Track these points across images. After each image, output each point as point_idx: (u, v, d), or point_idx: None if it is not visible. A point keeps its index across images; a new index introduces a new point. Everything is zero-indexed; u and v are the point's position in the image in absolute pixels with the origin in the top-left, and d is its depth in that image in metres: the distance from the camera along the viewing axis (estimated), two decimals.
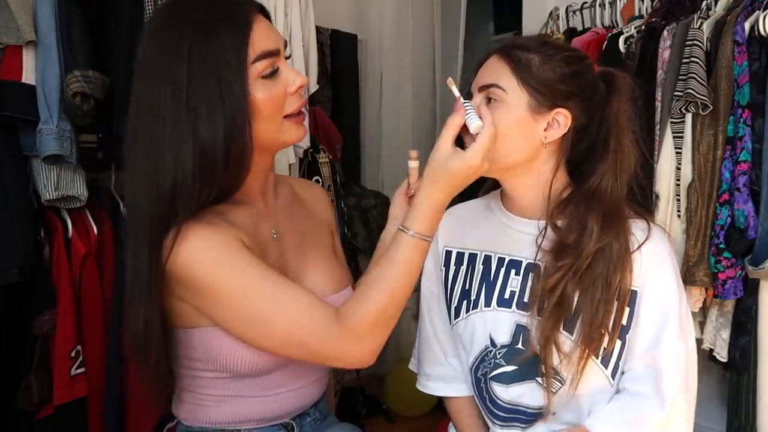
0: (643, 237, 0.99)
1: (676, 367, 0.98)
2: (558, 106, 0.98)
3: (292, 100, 0.92)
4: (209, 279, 0.85)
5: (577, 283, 0.96)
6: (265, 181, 1.00)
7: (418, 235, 0.87)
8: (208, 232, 0.86)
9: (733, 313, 1.59)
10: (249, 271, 0.86)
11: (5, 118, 1.43)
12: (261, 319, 0.85)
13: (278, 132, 0.92)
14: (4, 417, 1.53)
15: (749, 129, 1.50)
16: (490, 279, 1.07)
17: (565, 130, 1.00)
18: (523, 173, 1.02)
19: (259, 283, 0.85)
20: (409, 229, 0.87)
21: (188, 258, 0.84)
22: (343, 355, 0.86)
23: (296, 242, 1.03)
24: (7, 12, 1.40)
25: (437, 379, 1.18)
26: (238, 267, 0.85)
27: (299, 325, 0.84)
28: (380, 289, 0.85)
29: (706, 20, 1.61)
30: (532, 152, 1.00)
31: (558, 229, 1.01)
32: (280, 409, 0.99)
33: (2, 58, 1.43)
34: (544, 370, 0.99)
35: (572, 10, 2.21)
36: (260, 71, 0.87)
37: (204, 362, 0.93)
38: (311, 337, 0.84)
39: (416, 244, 0.87)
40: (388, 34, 2.82)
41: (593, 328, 0.95)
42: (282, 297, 0.85)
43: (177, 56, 0.85)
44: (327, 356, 0.88)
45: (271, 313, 0.85)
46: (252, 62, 0.87)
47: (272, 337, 0.86)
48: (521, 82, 0.97)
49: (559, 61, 0.99)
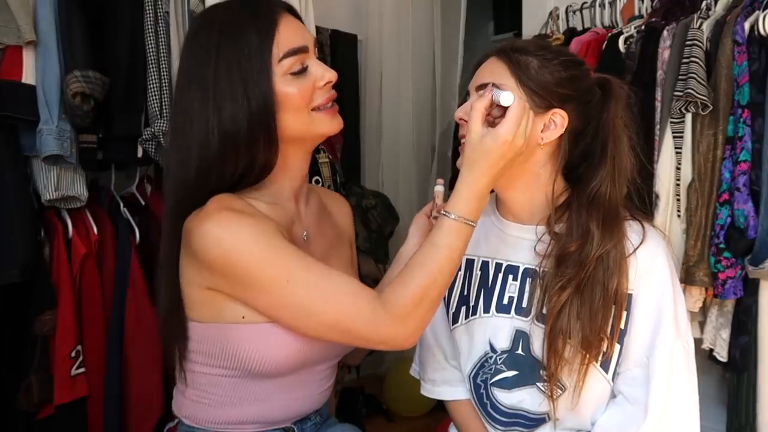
0: (638, 240, 0.99)
1: (670, 370, 0.96)
2: (555, 107, 0.99)
3: (321, 93, 0.94)
4: (253, 267, 0.86)
5: (577, 290, 0.96)
6: (300, 185, 1.03)
7: (461, 219, 0.88)
8: (249, 221, 0.88)
9: (733, 313, 1.59)
10: (292, 258, 0.87)
11: (5, 118, 1.43)
12: (306, 306, 0.86)
13: (309, 124, 0.94)
14: (4, 417, 1.53)
15: (749, 129, 1.50)
16: (488, 285, 1.07)
17: (562, 131, 0.99)
18: (517, 176, 1.01)
19: (302, 270, 0.87)
20: (450, 213, 0.88)
21: (232, 246, 0.85)
22: (388, 338, 0.87)
23: (323, 250, 1.05)
24: (7, 12, 1.40)
25: (442, 384, 1.17)
26: (281, 254, 0.87)
27: (344, 313, 0.85)
28: (423, 272, 0.86)
29: (706, 20, 1.61)
30: (529, 154, 1.00)
31: (558, 236, 1.00)
32: (285, 414, 0.99)
33: (2, 58, 1.43)
34: (545, 376, 0.99)
35: (572, 10, 2.21)
36: (288, 68, 0.90)
37: (219, 359, 0.93)
38: (356, 323, 0.85)
39: (459, 228, 0.88)
40: (388, 34, 2.82)
41: (592, 334, 0.95)
42: (325, 283, 0.87)
43: (206, 59, 0.90)
44: (372, 339, 0.88)
45: (316, 300, 0.86)
46: (279, 60, 0.89)
47: (318, 324, 0.87)
48: (519, 83, 0.97)
49: (557, 64, 0.99)
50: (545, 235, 1.01)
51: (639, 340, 0.98)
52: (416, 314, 0.86)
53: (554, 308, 0.96)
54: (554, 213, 1.01)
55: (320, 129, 0.96)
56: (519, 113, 0.89)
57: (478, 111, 0.91)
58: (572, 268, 0.96)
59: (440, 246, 0.87)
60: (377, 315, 0.85)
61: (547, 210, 1.02)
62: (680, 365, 0.97)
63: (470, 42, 3.03)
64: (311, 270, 0.87)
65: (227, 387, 0.95)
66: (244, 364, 0.91)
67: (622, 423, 0.98)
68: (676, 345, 0.97)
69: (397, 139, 2.83)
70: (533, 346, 1.01)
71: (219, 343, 0.92)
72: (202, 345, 0.94)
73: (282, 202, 0.99)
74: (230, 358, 0.92)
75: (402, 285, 0.86)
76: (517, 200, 1.05)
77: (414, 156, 2.90)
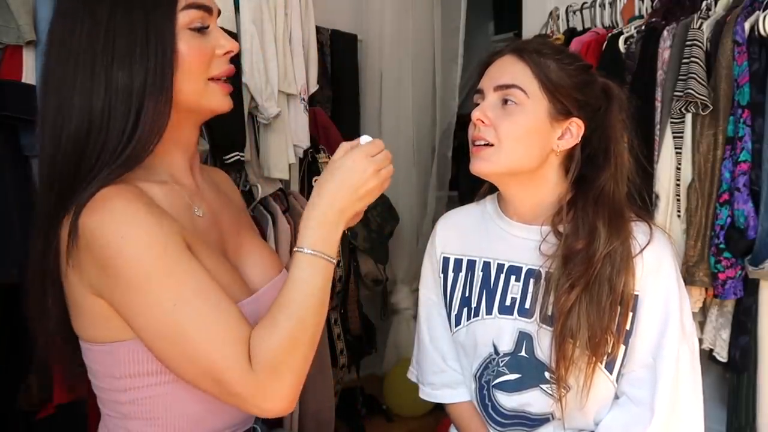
0: (645, 240, 0.99)
1: (677, 372, 0.96)
2: (573, 116, 0.98)
3: (220, 63, 0.86)
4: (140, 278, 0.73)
5: (585, 288, 0.95)
6: (192, 156, 0.92)
7: (311, 252, 0.80)
8: (149, 222, 0.75)
9: (733, 313, 1.59)
10: (185, 282, 0.75)
11: (5, 117, 1.43)
12: (183, 341, 0.74)
13: (202, 93, 0.84)
14: (4, 417, 1.53)
15: (749, 129, 1.50)
16: (490, 286, 1.07)
17: (578, 140, 1.00)
18: (527, 180, 1.02)
19: (192, 297, 0.74)
20: (301, 247, 0.80)
21: (121, 249, 0.72)
22: (259, 395, 0.74)
23: (231, 224, 0.96)
24: (7, 12, 1.40)
25: (442, 387, 1.16)
26: (174, 274, 0.74)
27: (223, 356, 0.73)
28: (287, 314, 0.77)
29: (706, 20, 1.61)
30: (543, 159, 1.00)
31: (564, 235, 0.99)
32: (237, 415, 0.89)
33: (2, 58, 1.43)
34: (549, 377, 0.98)
35: (572, 10, 2.21)
36: (189, 21, 0.81)
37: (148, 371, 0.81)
38: (229, 372, 0.73)
39: (310, 261, 0.80)
40: (388, 34, 2.82)
41: (600, 333, 0.95)
42: (215, 317, 0.75)
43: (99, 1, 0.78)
44: (242, 395, 0.74)
45: (199, 336, 0.74)
46: (182, 9, 0.81)
47: (190, 364, 0.75)
48: (543, 87, 0.97)
49: (574, 69, 0.99)
50: (550, 234, 1.01)
51: (645, 342, 0.98)
52: (291, 363, 0.75)
53: (564, 307, 0.95)
54: (563, 212, 1.00)
55: (213, 103, 0.86)
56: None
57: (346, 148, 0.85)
58: (580, 266, 0.96)
59: (299, 284, 0.78)
60: (247, 367, 0.73)
61: (552, 210, 1.02)
62: (686, 366, 0.97)
63: (470, 42, 3.03)
64: (204, 296, 0.75)
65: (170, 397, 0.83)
66: None
67: (627, 424, 0.98)
68: (683, 346, 0.97)
69: (397, 139, 2.82)
70: (537, 348, 1.01)
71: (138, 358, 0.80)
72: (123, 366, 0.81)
73: (178, 178, 0.88)
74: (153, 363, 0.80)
75: (268, 333, 0.75)
76: (526, 201, 1.05)
77: (414, 156, 2.90)
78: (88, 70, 0.77)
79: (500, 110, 0.98)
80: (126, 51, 0.77)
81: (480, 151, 1.00)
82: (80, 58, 0.77)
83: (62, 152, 0.78)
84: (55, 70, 0.80)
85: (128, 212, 0.74)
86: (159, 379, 0.82)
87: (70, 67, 0.78)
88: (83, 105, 0.77)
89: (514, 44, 1.03)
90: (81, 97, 0.77)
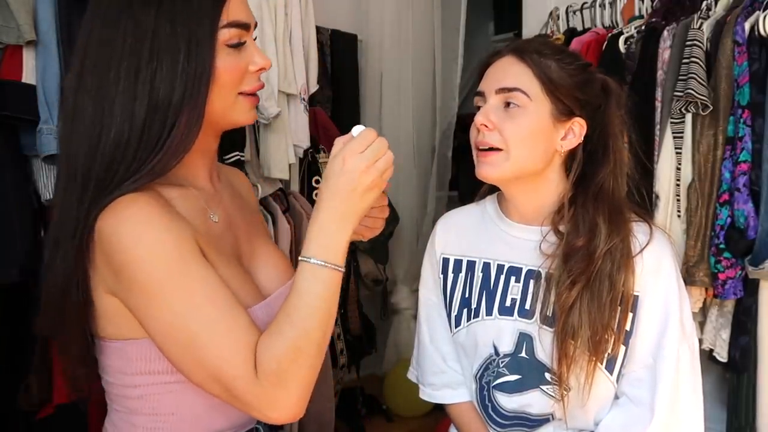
0: (645, 240, 0.98)
1: (677, 372, 0.96)
2: (575, 116, 0.98)
3: (251, 79, 0.87)
4: (154, 283, 0.75)
5: (586, 285, 0.95)
6: (212, 162, 0.94)
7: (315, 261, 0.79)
8: (164, 228, 0.76)
9: (733, 313, 1.59)
10: (197, 288, 0.76)
11: (5, 117, 1.43)
12: (194, 344, 0.75)
13: (231, 107, 0.86)
14: (4, 417, 1.53)
15: (749, 129, 1.50)
16: (490, 287, 1.06)
17: (581, 140, 0.99)
18: (530, 181, 1.02)
19: (203, 303, 0.76)
20: (307, 257, 0.79)
21: (135, 256, 0.74)
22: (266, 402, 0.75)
23: (246, 229, 0.97)
24: (7, 12, 1.40)
25: (443, 387, 1.16)
26: (187, 280, 0.76)
27: (231, 364, 0.74)
28: (290, 325, 0.77)
29: (706, 20, 1.61)
30: (547, 161, 1.00)
31: (564, 234, 0.99)
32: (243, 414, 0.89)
33: (2, 58, 1.43)
34: (550, 378, 0.98)
35: (572, 10, 2.21)
36: (227, 38, 0.83)
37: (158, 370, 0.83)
38: (238, 379, 0.74)
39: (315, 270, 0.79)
40: (388, 34, 2.82)
41: (600, 330, 0.94)
42: (226, 324, 0.76)
43: (146, 11, 0.78)
44: (250, 403, 0.76)
45: (210, 341, 0.75)
46: (223, 26, 0.82)
47: (200, 367, 0.76)
48: (545, 89, 0.96)
49: (574, 69, 0.98)
50: (550, 234, 1.01)
51: (645, 342, 0.98)
52: (295, 372, 0.75)
53: (565, 304, 0.95)
54: (563, 211, 1.00)
55: (241, 117, 0.88)
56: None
57: None
58: (581, 263, 0.96)
59: (302, 293, 0.78)
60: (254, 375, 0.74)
61: (553, 209, 1.02)
62: (686, 367, 0.97)
63: (470, 42, 3.03)
64: (216, 303, 0.76)
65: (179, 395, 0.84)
66: None
67: (627, 424, 0.98)
68: (683, 347, 0.97)
69: (397, 140, 2.82)
70: (537, 349, 1.00)
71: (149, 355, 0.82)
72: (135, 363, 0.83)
73: (196, 183, 0.90)
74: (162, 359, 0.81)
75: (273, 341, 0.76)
76: (528, 202, 1.05)
77: (414, 156, 2.90)
78: (132, 78, 0.78)
79: (503, 113, 0.97)
80: (170, 65, 0.78)
81: (487, 156, 0.99)
82: (123, 63, 0.78)
83: (101, 153, 0.78)
84: (93, 71, 0.80)
85: (144, 219, 0.76)
86: (168, 378, 0.83)
87: (112, 71, 0.78)
88: (125, 112, 0.78)
89: (514, 45, 1.02)
90: (123, 104, 0.78)
